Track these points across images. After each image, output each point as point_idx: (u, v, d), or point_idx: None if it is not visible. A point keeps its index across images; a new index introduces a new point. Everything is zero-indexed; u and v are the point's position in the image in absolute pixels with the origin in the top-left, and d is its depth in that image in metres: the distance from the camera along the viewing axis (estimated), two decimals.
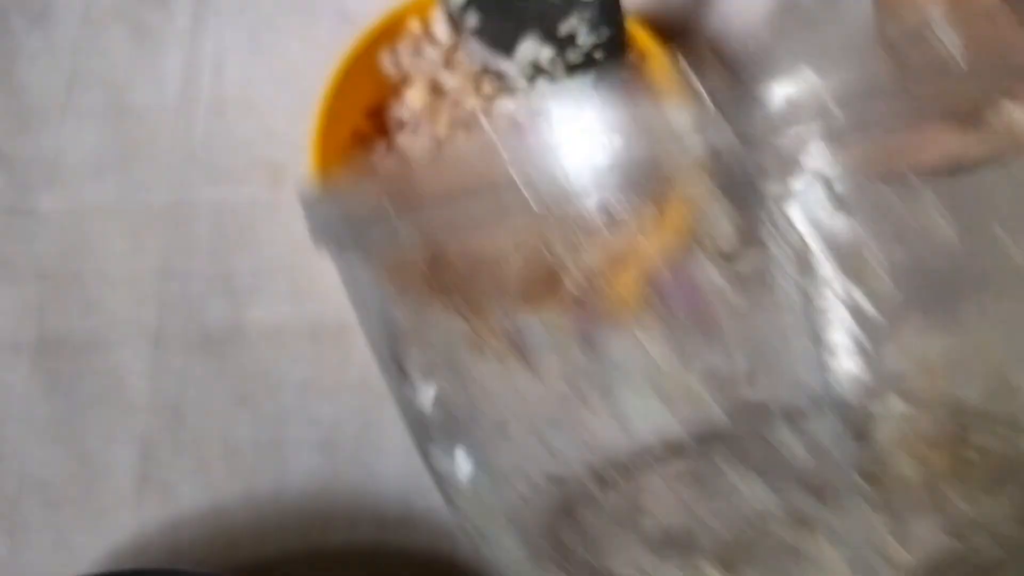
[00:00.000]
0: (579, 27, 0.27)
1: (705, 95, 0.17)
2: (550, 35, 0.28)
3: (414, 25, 0.37)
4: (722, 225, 0.19)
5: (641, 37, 0.37)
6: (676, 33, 0.41)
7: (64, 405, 0.37)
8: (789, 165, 0.18)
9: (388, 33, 0.37)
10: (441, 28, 0.37)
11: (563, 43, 0.28)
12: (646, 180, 0.18)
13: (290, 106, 0.40)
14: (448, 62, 0.37)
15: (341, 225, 0.25)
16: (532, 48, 0.28)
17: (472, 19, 0.29)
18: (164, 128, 0.40)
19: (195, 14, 0.42)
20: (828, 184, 0.19)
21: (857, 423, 0.21)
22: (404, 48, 0.37)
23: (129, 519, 0.36)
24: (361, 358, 0.37)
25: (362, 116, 0.38)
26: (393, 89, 0.38)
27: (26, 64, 0.41)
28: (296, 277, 0.38)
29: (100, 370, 0.37)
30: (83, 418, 0.37)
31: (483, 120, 0.33)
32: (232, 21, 0.41)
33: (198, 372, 0.37)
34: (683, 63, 0.18)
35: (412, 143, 0.36)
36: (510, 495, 0.24)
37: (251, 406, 0.37)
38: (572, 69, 0.29)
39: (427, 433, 0.25)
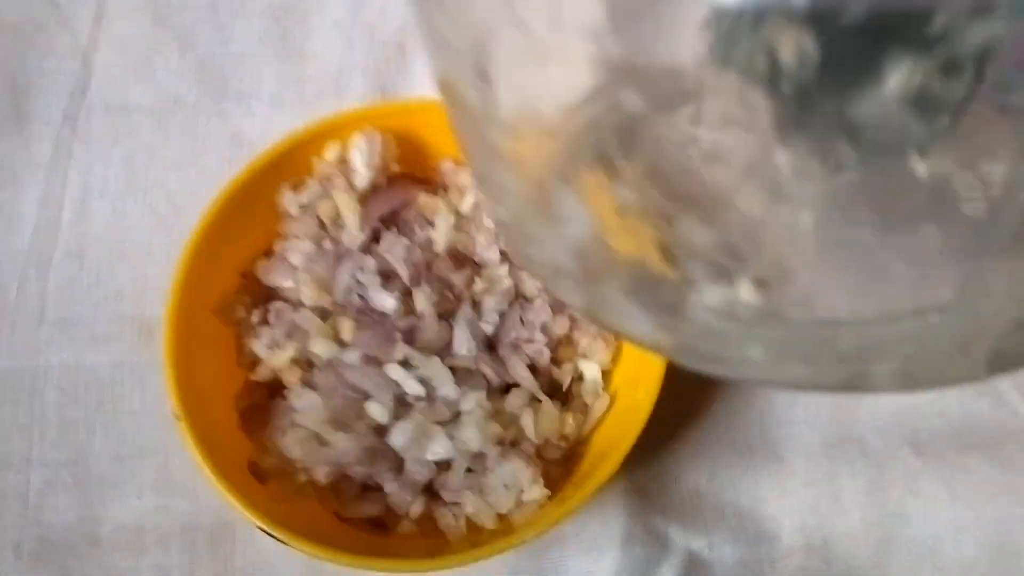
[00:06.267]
0: None
1: None
2: None
3: (330, 152, 0.31)
4: None
5: None
6: None
7: None
8: None
9: (291, 161, 0.31)
10: (360, 156, 0.31)
11: None
12: None
13: (167, 250, 0.33)
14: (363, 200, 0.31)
15: None
16: None
17: None
18: (11, 277, 0.34)
19: (58, 141, 0.35)
20: None
21: None
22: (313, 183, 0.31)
23: None
24: (244, 564, 0.30)
25: (251, 261, 0.32)
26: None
27: None
28: (166, 462, 0.31)
29: None
30: None
31: None
32: (103, 149, 0.35)
33: None
34: None
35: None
36: None
37: None
38: None
39: None
